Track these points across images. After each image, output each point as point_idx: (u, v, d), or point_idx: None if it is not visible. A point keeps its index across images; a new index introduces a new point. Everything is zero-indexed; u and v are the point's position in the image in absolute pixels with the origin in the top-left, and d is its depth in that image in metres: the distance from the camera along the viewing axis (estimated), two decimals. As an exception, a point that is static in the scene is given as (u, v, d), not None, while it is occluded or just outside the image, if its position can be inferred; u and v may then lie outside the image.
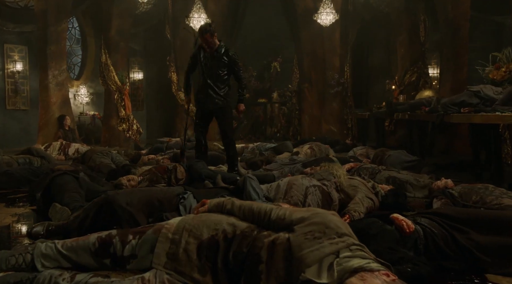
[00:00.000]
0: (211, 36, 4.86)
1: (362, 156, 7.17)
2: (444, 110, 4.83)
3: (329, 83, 11.49)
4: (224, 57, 4.91)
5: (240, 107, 5.05)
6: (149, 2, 11.61)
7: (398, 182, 4.26)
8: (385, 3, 10.88)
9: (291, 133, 12.44)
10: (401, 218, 2.38)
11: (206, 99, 4.97)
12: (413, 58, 9.77)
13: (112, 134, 10.60)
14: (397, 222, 2.36)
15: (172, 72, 11.85)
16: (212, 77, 4.91)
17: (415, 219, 2.43)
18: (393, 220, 2.39)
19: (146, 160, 6.47)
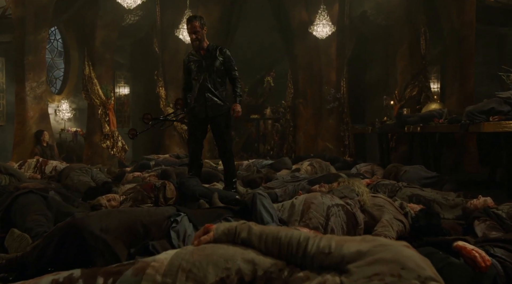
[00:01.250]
0: (201, 27, 4.31)
1: (367, 173, 6.60)
2: (470, 119, 4.30)
3: (325, 98, 11.02)
4: (218, 55, 4.37)
5: (236, 108, 4.39)
6: (136, 14, 11.11)
7: (423, 201, 3.68)
8: (384, 15, 10.52)
9: (285, 150, 11.85)
10: (470, 247, 1.78)
11: (203, 106, 4.36)
12: (414, 72, 9.34)
13: (95, 152, 9.89)
14: (466, 253, 1.76)
15: (160, 87, 11.28)
16: (209, 79, 4.34)
17: (486, 249, 1.83)
18: (459, 250, 1.79)
19: (131, 177, 5.80)
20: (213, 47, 4.40)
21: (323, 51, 10.95)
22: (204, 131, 4.47)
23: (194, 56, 4.42)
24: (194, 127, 4.40)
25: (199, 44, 4.34)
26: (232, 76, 4.47)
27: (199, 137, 4.44)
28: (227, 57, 4.41)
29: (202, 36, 4.33)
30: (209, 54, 4.37)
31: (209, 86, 4.31)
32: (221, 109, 4.37)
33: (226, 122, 4.41)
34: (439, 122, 5.34)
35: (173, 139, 11.61)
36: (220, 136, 4.40)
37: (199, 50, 4.38)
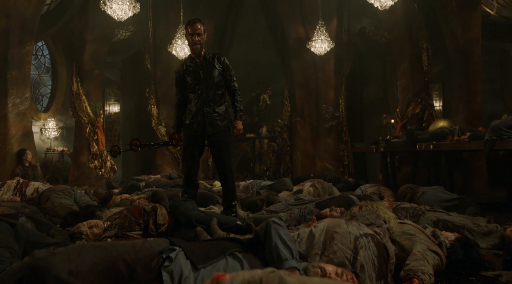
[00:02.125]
0: (204, 31, 3.91)
1: (374, 194, 6.14)
2: (497, 134, 3.89)
3: (323, 117, 10.64)
4: (216, 64, 3.93)
5: (237, 125, 3.95)
6: (128, 30, 10.76)
7: (451, 227, 3.22)
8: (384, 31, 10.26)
9: (282, 171, 11.39)
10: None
11: (201, 122, 3.89)
12: (416, 89, 9.00)
13: (82, 173, 9.36)
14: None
15: (152, 105, 10.85)
16: (207, 92, 3.87)
17: None
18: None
19: (118, 200, 5.28)
20: (210, 56, 3.97)
21: (321, 68, 10.63)
22: (201, 149, 4.00)
23: (190, 67, 3.95)
24: (190, 145, 3.91)
25: (200, 50, 3.91)
26: (231, 88, 4.03)
27: (196, 155, 3.95)
28: (226, 67, 3.98)
29: (203, 41, 3.92)
30: (206, 63, 3.93)
31: (208, 99, 3.85)
32: (221, 126, 3.91)
33: (226, 139, 3.94)
34: (454, 140, 4.94)
35: (165, 159, 11.13)
36: (220, 154, 3.93)
37: (195, 59, 3.94)
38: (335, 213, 3.73)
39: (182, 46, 9.40)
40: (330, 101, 10.65)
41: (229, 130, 3.96)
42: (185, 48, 9.45)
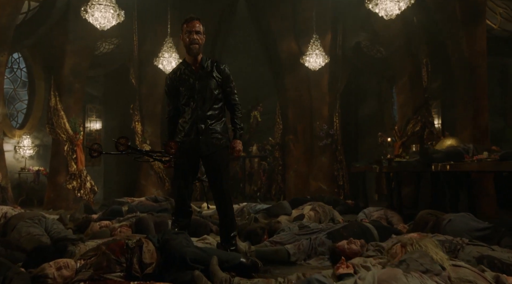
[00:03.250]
0: (203, 32, 3.36)
1: (381, 219, 5.60)
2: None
3: (317, 135, 10.15)
4: (214, 73, 3.34)
5: (236, 146, 3.37)
6: (111, 42, 10.20)
7: (498, 265, 2.67)
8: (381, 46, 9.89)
9: (274, 191, 10.81)
10: None
11: (195, 140, 3.29)
12: (416, 106, 8.60)
13: (59, 194, 8.63)
14: None
15: (136, 122, 10.26)
16: (204, 105, 3.28)
17: None
18: None
19: (97, 227, 4.63)
20: (208, 63, 3.38)
21: (315, 84, 10.20)
22: (195, 171, 3.38)
23: (184, 73, 3.34)
24: (182, 166, 3.32)
25: (198, 51, 3.33)
26: (231, 101, 3.43)
27: (189, 178, 3.35)
28: (226, 77, 3.38)
29: (202, 43, 3.35)
30: (203, 71, 3.33)
31: (204, 115, 3.26)
32: (218, 145, 3.32)
33: (223, 160, 3.35)
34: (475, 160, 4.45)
35: (149, 179, 10.48)
36: (216, 178, 3.33)
37: (191, 66, 3.36)
38: (354, 246, 3.17)
39: (170, 59, 8.87)
40: (324, 118, 10.19)
41: (227, 150, 3.38)
42: (173, 61, 8.93)
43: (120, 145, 3.13)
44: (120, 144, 3.13)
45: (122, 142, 3.14)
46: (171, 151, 3.14)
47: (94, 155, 3.19)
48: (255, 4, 10.59)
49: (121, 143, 3.14)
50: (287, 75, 10.42)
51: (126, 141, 3.15)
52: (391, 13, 5.55)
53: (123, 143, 3.14)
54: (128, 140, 3.17)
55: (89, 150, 3.19)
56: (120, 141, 3.14)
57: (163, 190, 10.46)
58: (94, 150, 3.19)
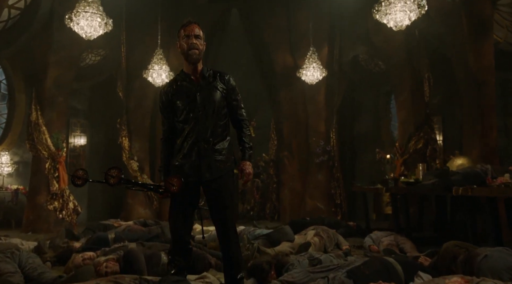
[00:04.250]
0: (203, 38, 2.90)
1: (392, 246, 5.17)
2: None
3: (313, 151, 9.74)
4: (218, 84, 2.88)
5: (246, 168, 2.86)
6: (98, 54, 9.71)
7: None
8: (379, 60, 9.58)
9: (268, 211, 10.33)
10: None
11: (196, 164, 2.79)
12: (418, 122, 8.25)
13: (39, 215, 8.01)
14: None
15: (124, 137, 9.71)
16: (206, 122, 2.80)
17: None
18: None
19: (80, 260, 4.09)
20: (210, 73, 2.92)
21: (310, 99, 9.82)
22: (196, 200, 2.86)
23: (182, 85, 2.87)
24: (180, 196, 2.79)
25: (198, 58, 2.87)
26: (237, 117, 2.97)
27: (188, 209, 2.84)
28: (231, 89, 2.93)
29: (202, 49, 2.89)
30: (205, 82, 2.87)
31: (206, 133, 2.79)
32: (223, 169, 2.83)
33: (228, 187, 2.84)
34: (501, 184, 4.05)
35: (136, 198, 9.92)
36: (220, 208, 2.80)
37: (190, 76, 2.90)
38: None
39: (160, 72, 8.43)
40: (321, 134, 9.79)
41: (233, 176, 2.90)
42: (163, 74, 8.49)
43: (111, 177, 2.61)
44: (111, 177, 2.61)
45: (114, 173, 2.61)
46: (172, 188, 2.61)
47: (78, 183, 2.67)
48: (249, 16, 10.22)
49: (112, 175, 2.61)
50: (282, 89, 10.03)
51: (119, 173, 2.61)
52: (401, 24, 5.19)
53: (115, 175, 2.61)
54: (121, 171, 2.62)
55: (72, 177, 2.66)
56: (111, 173, 2.61)
57: (151, 209, 9.92)
58: (78, 177, 2.66)
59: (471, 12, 6.62)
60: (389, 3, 5.04)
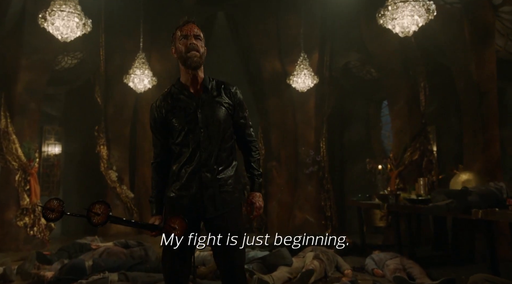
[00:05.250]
0: (203, 38, 2.40)
1: (399, 271, 4.75)
2: None
3: (302, 161, 9.32)
4: (222, 98, 2.37)
5: (256, 201, 2.40)
6: (75, 57, 9.10)
7: None
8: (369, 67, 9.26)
9: (255, 223, 9.83)
10: None
11: (198, 196, 2.26)
12: (413, 132, 7.93)
13: (8, 232, 7.32)
14: None
15: (102, 145, 9.17)
16: (209, 145, 2.28)
17: None
18: None
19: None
20: (213, 84, 2.40)
21: (300, 107, 9.41)
22: (196, 240, 2.34)
23: (179, 100, 2.34)
24: (178, 237, 2.27)
25: (199, 63, 2.34)
26: (245, 137, 2.49)
27: (186, 252, 2.29)
28: (238, 103, 2.42)
29: (204, 53, 2.39)
30: (208, 95, 2.35)
31: (210, 159, 2.27)
32: (229, 202, 2.31)
33: (237, 224, 2.33)
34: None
35: (115, 210, 9.29)
36: (228, 250, 2.27)
37: (189, 87, 2.37)
38: None
39: (141, 77, 7.89)
40: (310, 144, 9.38)
41: (241, 208, 2.41)
42: (145, 79, 7.95)
43: (95, 216, 2.05)
44: (95, 214, 2.05)
45: (100, 210, 2.04)
46: (174, 232, 2.09)
47: (51, 217, 2.12)
48: (236, 20, 9.78)
49: (97, 212, 2.06)
50: (270, 96, 9.61)
51: (106, 209, 2.03)
52: (408, 29, 4.81)
53: (101, 212, 2.05)
54: (108, 208, 2.03)
55: (43, 210, 2.10)
56: (95, 209, 2.03)
57: (130, 222, 9.30)
58: (51, 209, 2.10)
59: (474, 18, 6.32)
60: (396, 7, 4.63)
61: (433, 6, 4.70)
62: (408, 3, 4.64)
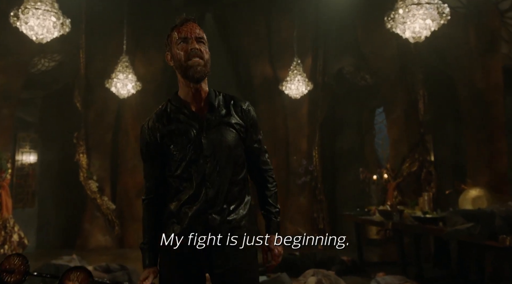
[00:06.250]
0: (205, 40, 1.89)
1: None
2: None
3: (294, 171, 8.92)
4: (233, 118, 1.89)
5: (275, 248, 1.95)
6: (52, 59, 8.53)
7: None
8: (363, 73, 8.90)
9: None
10: None
11: (203, 246, 1.77)
12: (411, 142, 7.58)
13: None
14: None
15: (81, 153, 8.65)
16: (215, 180, 1.79)
17: None
18: None
19: None
20: (220, 100, 1.92)
21: (292, 114, 9.02)
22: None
23: (178, 122, 1.84)
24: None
25: (204, 72, 1.85)
26: (259, 166, 2.01)
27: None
28: (252, 124, 1.93)
29: (208, 61, 1.87)
30: (215, 115, 1.86)
31: (218, 196, 1.79)
32: (243, 251, 1.83)
33: (252, 279, 1.86)
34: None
35: (95, 222, 8.81)
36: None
37: (190, 105, 1.89)
38: None
39: (125, 81, 7.37)
40: (303, 152, 8.99)
41: (256, 256, 1.93)
42: (128, 84, 7.44)
43: None
44: None
45: (79, 279, 1.55)
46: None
47: (9, 281, 1.62)
48: (225, 22, 9.33)
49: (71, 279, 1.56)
50: (260, 102, 9.17)
51: (86, 279, 1.55)
52: (419, 35, 4.43)
53: (81, 281, 1.56)
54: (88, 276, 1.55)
55: None
56: (70, 277, 1.56)
57: (112, 235, 8.82)
58: (9, 270, 1.60)
59: (480, 24, 6.00)
60: (408, 10, 4.24)
61: (447, 9, 4.34)
62: (421, 5, 4.24)
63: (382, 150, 10.23)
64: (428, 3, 4.20)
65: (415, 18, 4.29)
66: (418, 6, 4.25)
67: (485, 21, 6.03)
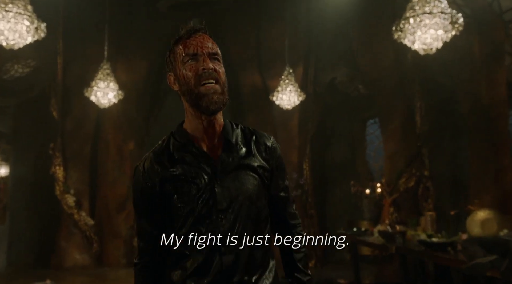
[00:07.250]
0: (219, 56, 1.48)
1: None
2: None
3: (285, 185, 8.49)
4: (255, 160, 1.44)
5: None
6: (27, 65, 7.98)
7: None
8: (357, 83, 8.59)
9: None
10: None
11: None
12: (408, 156, 7.29)
13: None
14: None
15: (57, 165, 8.18)
16: (235, 236, 1.35)
17: None
18: None
19: None
20: (238, 135, 1.51)
21: (282, 125, 8.64)
22: None
23: (184, 163, 1.39)
24: None
25: (221, 101, 1.40)
26: (286, 220, 1.59)
27: None
28: (277, 166, 1.54)
29: (225, 84, 1.43)
30: (232, 156, 1.43)
31: (237, 264, 1.35)
32: None
33: None
34: None
35: (72, 239, 8.32)
36: None
37: (201, 141, 1.43)
38: None
39: (106, 90, 6.86)
40: (293, 165, 8.59)
41: None
42: (110, 93, 6.93)
43: None
44: None
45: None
46: None
47: None
48: (213, 29, 8.78)
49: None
50: (249, 113, 8.82)
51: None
52: (431, 46, 4.09)
53: None
54: None
55: None
56: None
57: (90, 253, 8.31)
58: None
59: (484, 36, 5.73)
60: (420, 19, 3.89)
61: (461, 19, 4.00)
62: (434, 15, 3.89)
63: (374, 162, 9.94)
64: (442, 13, 3.85)
65: (427, 28, 3.94)
66: (431, 15, 3.90)
67: (489, 32, 5.77)
